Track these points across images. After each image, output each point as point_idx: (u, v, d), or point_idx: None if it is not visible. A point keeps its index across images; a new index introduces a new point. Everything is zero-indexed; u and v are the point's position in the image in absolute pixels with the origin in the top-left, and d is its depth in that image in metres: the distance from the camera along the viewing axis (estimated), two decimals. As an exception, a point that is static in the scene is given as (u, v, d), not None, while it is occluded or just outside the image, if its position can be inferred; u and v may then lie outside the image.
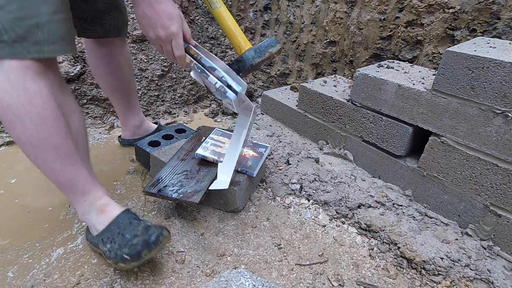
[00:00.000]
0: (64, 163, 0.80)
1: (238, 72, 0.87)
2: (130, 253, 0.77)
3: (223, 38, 1.99)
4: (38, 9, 0.68)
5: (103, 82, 1.25)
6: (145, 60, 1.71)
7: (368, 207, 1.08)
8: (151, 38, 0.81)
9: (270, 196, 1.15)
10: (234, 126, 1.61)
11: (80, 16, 1.04)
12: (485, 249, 0.94)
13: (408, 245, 0.93)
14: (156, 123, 1.47)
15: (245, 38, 0.91)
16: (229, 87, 0.84)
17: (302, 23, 1.82)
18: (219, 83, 0.83)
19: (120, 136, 1.46)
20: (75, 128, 0.85)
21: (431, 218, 1.04)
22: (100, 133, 1.55)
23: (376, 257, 0.95)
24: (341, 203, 1.09)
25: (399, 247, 0.94)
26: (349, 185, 1.16)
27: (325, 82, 1.45)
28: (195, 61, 0.85)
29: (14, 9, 0.66)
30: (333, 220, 1.07)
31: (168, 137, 1.31)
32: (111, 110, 1.66)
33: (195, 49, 0.85)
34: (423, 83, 1.05)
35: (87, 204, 0.85)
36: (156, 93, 1.75)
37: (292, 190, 1.16)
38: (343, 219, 1.07)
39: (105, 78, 1.23)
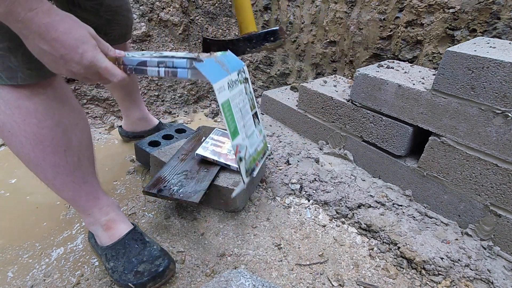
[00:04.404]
0: (65, 181, 0.77)
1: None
2: (135, 282, 0.77)
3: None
4: (11, 30, 0.54)
5: None
6: (145, 60, 1.71)
7: (368, 207, 1.08)
8: (67, 75, 0.60)
9: (270, 196, 1.15)
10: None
11: None
12: (485, 249, 0.94)
13: (408, 245, 0.93)
14: (158, 119, 1.47)
15: (251, 19, 0.86)
16: (174, 64, 0.64)
17: (302, 23, 1.82)
18: (161, 69, 0.65)
19: (120, 126, 1.45)
20: (77, 142, 0.77)
21: (431, 218, 1.04)
22: (100, 133, 1.55)
23: (376, 257, 0.95)
24: (341, 203, 1.09)
25: (399, 247, 0.94)
26: (349, 185, 1.16)
27: (325, 82, 1.45)
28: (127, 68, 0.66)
29: None
30: (333, 220, 1.07)
31: (168, 137, 1.31)
32: (111, 110, 1.66)
33: (115, 55, 0.65)
34: (423, 83, 1.05)
35: (92, 217, 0.85)
36: (156, 93, 1.75)
37: (292, 190, 1.16)
38: (343, 219, 1.07)
39: None
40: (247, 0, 0.87)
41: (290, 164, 1.27)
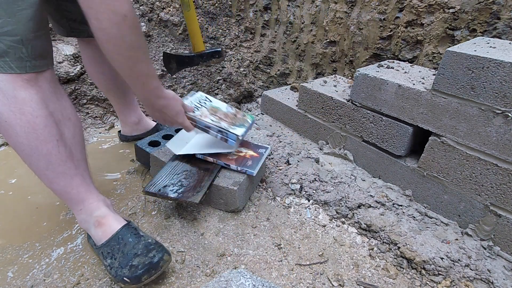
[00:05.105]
0: (56, 171, 0.79)
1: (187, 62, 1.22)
2: (130, 276, 0.77)
3: (223, 38, 1.99)
4: (25, 26, 0.68)
5: (97, 81, 1.25)
6: (145, 60, 1.71)
7: (368, 207, 1.08)
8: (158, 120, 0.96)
9: (270, 196, 1.15)
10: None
11: (69, 17, 1.02)
12: (485, 249, 0.94)
13: (408, 245, 0.93)
14: (155, 120, 1.48)
15: (201, 40, 1.19)
16: (227, 135, 1.02)
17: (302, 23, 1.82)
18: (219, 135, 1.02)
19: (119, 131, 1.46)
20: (70, 135, 0.82)
21: (431, 218, 1.04)
22: (100, 133, 1.55)
23: (376, 257, 0.95)
24: (341, 203, 1.09)
25: (399, 247, 0.94)
26: (349, 185, 1.16)
27: (325, 82, 1.45)
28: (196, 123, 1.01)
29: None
30: (333, 220, 1.07)
31: (168, 137, 1.31)
32: (111, 110, 1.66)
33: (192, 116, 0.99)
34: (423, 83, 1.05)
35: (83, 213, 0.85)
36: (156, 93, 1.74)
37: (292, 190, 1.16)
38: (343, 219, 1.07)
39: (98, 77, 1.22)
40: (197, 28, 1.17)
41: (290, 164, 1.27)
